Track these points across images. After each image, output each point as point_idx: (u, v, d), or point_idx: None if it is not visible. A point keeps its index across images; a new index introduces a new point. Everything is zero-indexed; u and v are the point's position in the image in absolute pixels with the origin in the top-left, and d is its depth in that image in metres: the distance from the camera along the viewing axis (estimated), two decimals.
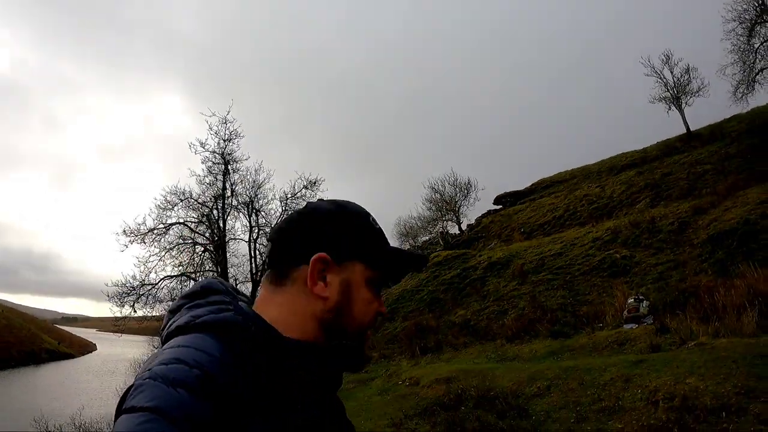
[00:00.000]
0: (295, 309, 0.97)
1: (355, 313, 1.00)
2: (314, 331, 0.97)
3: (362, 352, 1.06)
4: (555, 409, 8.13)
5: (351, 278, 1.00)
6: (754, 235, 11.92)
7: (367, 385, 12.55)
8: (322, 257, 0.98)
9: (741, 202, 13.44)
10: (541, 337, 12.36)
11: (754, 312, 8.68)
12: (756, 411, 6.37)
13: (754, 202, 12.95)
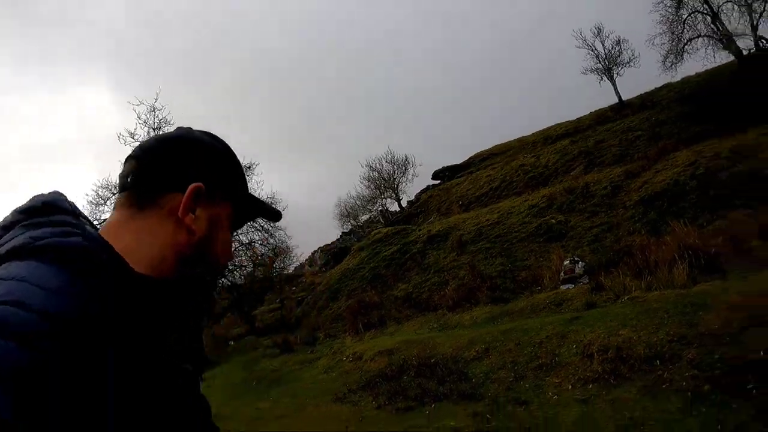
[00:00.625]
0: (155, 239, 0.89)
1: (215, 252, 0.97)
2: (170, 265, 0.90)
3: (211, 294, 0.60)
4: (494, 370, 7.92)
5: (219, 216, 0.97)
6: (684, 195, 12.18)
7: (313, 366, 12.27)
8: (200, 188, 0.92)
9: (671, 164, 13.74)
10: (482, 304, 12.24)
11: (685, 264, 8.74)
12: (689, 357, 6.30)
13: (684, 164, 13.25)
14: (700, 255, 8.95)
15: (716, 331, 6.48)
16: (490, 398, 7.15)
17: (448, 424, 6.66)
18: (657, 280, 8.89)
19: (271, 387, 11.57)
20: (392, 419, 7.42)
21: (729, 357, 5.96)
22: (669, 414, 5.55)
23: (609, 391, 6.38)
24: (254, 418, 9.20)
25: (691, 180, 12.48)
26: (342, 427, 7.52)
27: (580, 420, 5.94)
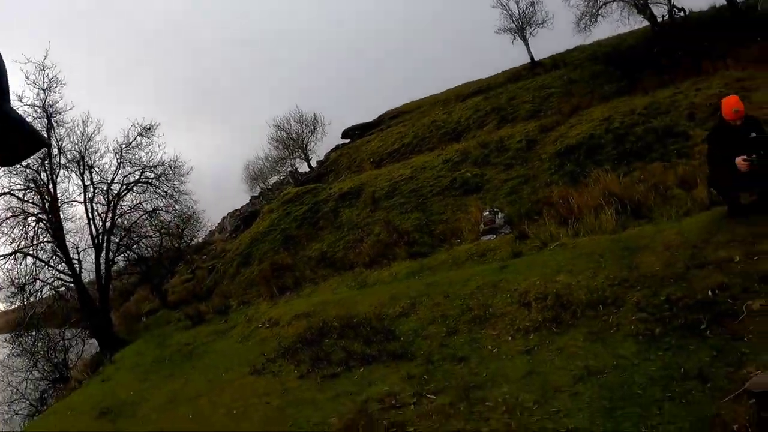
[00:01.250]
0: None
1: None
2: None
3: None
4: (423, 326, 7.10)
5: None
6: (600, 148, 12.12)
7: (227, 336, 10.96)
8: None
9: (586, 119, 13.70)
10: (400, 259, 11.48)
11: (612, 211, 8.42)
12: (634, 300, 5.84)
13: (599, 119, 13.25)
14: (626, 202, 8.69)
15: (658, 273, 6.06)
16: (423, 357, 6.31)
17: (381, 390, 5.73)
18: (584, 227, 8.52)
19: (184, 363, 10.08)
20: (318, 389, 6.43)
21: (676, 298, 5.55)
22: (625, 360, 5.01)
23: (553, 340, 5.77)
24: (167, 402, 7.79)
25: (607, 134, 12.45)
26: (263, 402, 6.44)
27: (530, 373, 5.24)
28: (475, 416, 4.62)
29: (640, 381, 4.62)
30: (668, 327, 5.22)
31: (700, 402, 4.11)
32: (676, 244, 6.45)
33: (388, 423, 4.85)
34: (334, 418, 5.35)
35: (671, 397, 4.28)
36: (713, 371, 4.38)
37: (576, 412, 4.43)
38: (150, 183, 17.63)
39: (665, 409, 4.17)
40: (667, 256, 6.30)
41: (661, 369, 4.68)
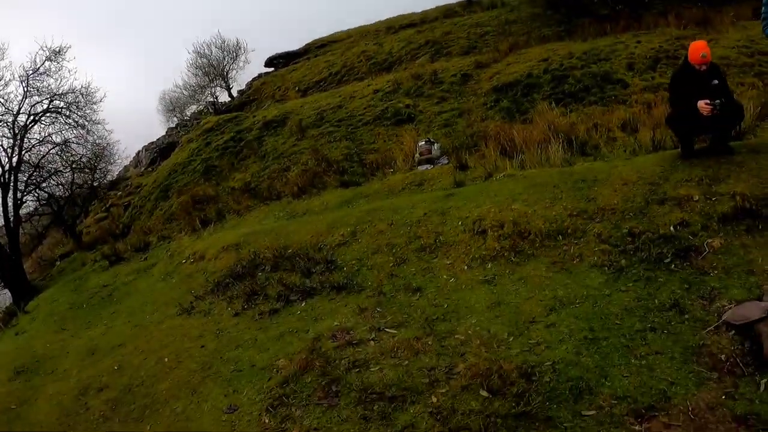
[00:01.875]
0: None
1: None
2: None
3: None
4: (367, 256, 6.27)
5: None
6: (538, 87, 11.67)
7: (148, 273, 9.34)
8: None
9: (523, 59, 13.16)
10: (330, 188, 10.47)
11: (559, 145, 7.92)
12: (596, 231, 5.37)
13: (536, 59, 12.74)
14: (572, 138, 8.25)
15: (618, 207, 5.64)
16: (372, 288, 5.51)
17: (331, 325, 4.86)
18: (529, 159, 7.98)
19: (103, 307, 8.44)
20: (258, 327, 5.41)
21: (639, 232, 5.16)
22: (595, 290, 4.55)
23: (514, 270, 5.20)
24: (88, 353, 6.29)
25: (545, 74, 11.97)
26: (197, 346, 5.31)
27: (496, 304, 4.61)
28: (447, 351, 3.93)
29: (616, 311, 4.17)
30: (633, 259, 4.82)
31: (682, 332, 3.73)
32: (633, 180, 6.04)
33: (348, 362, 4.04)
34: (281, 359, 4.44)
35: (652, 327, 3.89)
36: (688, 303, 4.02)
37: (557, 343, 3.88)
38: (60, 112, 15.08)
39: (649, 339, 3.77)
40: (626, 191, 5.88)
41: (635, 300, 4.27)
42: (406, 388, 3.49)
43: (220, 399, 4.11)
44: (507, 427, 3.01)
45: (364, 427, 3.19)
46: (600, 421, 3.10)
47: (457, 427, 3.02)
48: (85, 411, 4.73)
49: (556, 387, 3.39)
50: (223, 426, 3.77)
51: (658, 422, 2.99)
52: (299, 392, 3.80)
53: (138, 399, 4.59)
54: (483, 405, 3.19)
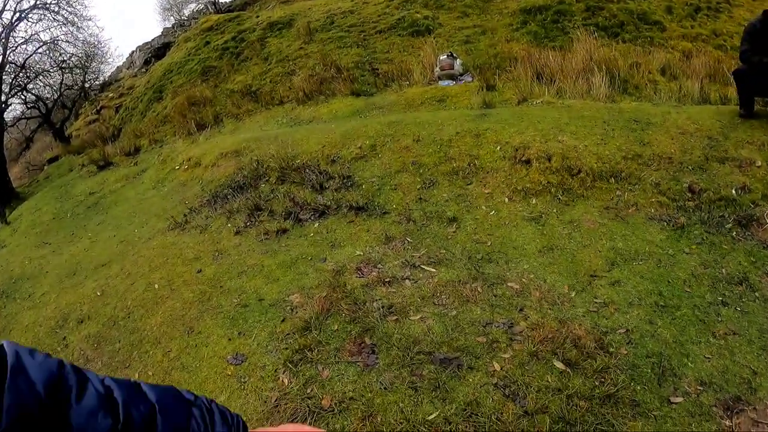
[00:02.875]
0: None
1: None
2: None
3: None
4: (390, 174, 5.27)
5: None
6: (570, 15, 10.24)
7: (139, 180, 8.05)
8: None
9: None
10: (340, 96, 9.14)
11: (605, 78, 6.82)
12: (652, 180, 4.54)
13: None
14: (614, 73, 7.14)
15: (675, 157, 4.81)
16: (399, 213, 4.59)
17: (352, 254, 3.94)
18: (569, 89, 6.90)
19: (89, 217, 7.18)
20: (263, 250, 4.34)
21: (699, 189, 4.39)
22: (657, 247, 3.79)
23: (562, 210, 4.37)
24: (70, 274, 5.13)
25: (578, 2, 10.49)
26: (192, 271, 4.21)
27: (548, 249, 3.81)
28: (501, 303, 3.12)
29: (684, 276, 3.46)
30: (693, 218, 4.10)
31: (755, 312, 3.10)
32: (690, 130, 5.17)
33: (382, 306, 3.11)
34: (295, 294, 3.46)
35: (724, 302, 3.22)
36: (757, 280, 3.40)
37: (627, 307, 3.14)
38: (48, 8, 13.19)
39: (723, 315, 3.09)
40: (683, 141, 5.02)
41: (701, 266, 3.56)
42: (459, 348, 2.70)
43: (222, 343, 3.15)
44: (593, 414, 2.30)
45: (414, 400, 2.37)
46: (690, 412, 2.44)
47: (534, 408, 2.29)
48: (64, 348, 3.73)
49: (636, 363, 2.68)
50: (228, 381, 2.82)
51: (747, 418, 2.42)
52: (324, 343, 2.87)
53: (124, 335, 3.59)
54: (561, 381, 2.45)
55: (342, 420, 2.37)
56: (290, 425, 0.79)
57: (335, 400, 2.48)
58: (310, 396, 2.56)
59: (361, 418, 2.35)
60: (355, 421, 2.33)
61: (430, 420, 2.26)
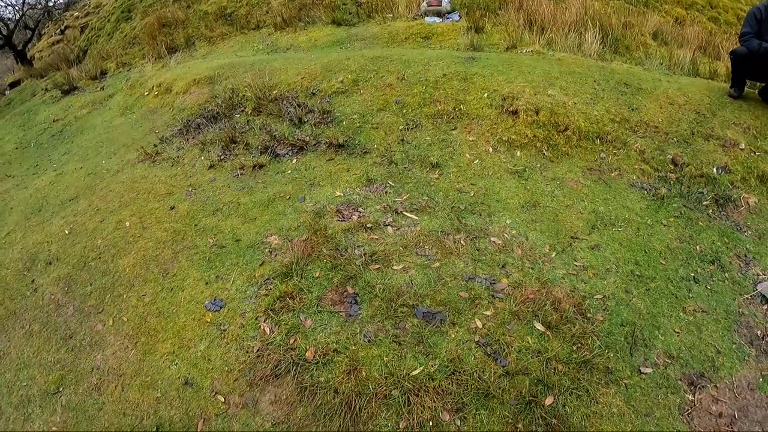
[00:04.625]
0: None
1: None
2: None
3: None
4: (372, 112, 4.99)
5: None
6: None
7: (106, 106, 7.27)
8: None
9: None
10: (320, 24, 8.48)
11: (598, 34, 6.58)
12: (637, 146, 4.51)
13: None
14: (608, 31, 6.90)
15: (661, 127, 4.76)
16: (380, 153, 4.36)
17: (332, 195, 3.71)
18: (560, 42, 6.64)
19: (53, 147, 6.46)
20: (239, 186, 4.05)
21: (683, 163, 4.39)
22: (636, 215, 3.81)
23: (546, 166, 4.29)
24: (35, 211, 4.54)
25: None
26: (165, 208, 3.86)
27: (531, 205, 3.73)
28: (484, 257, 3.04)
29: (660, 248, 3.50)
30: (673, 191, 4.13)
31: (723, 293, 3.18)
32: (679, 102, 5.10)
33: (364, 254, 2.98)
34: (274, 236, 3.27)
35: (696, 278, 3.30)
36: (727, 261, 3.47)
37: (605, 273, 3.15)
38: None
39: (695, 292, 3.19)
40: (671, 112, 4.95)
41: (677, 240, 3.61)
42: (442, 302, 2.62)
43: (199, 287, 2.99)
44: (570, 378, 2.31)
45: (398, 354, 2.31)
46: (658, 383, 2.52)
47: (514, 369, 2.25)
48: (33, 293, 3.40)
49: (611, 331, 2.70)
50: (208, 329, 2.69)
51: (708, 395, 2.53)
52: (306, 291, 2.75)
53: (96, 278, 3.34)
54: (540, 343, 2.44)
55: (327, 373, 2.27)
56: None
57: (319, 352, 2.38)
58: (293, 347, 2.44)
59: (345, 372, 2.25)
60: (340, 375, 2.24)
61: (415, 375, 2.21)
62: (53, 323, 3.06)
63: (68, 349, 2.85)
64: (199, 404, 2.38)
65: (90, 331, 2.90)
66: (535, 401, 2.16)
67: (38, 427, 2.47)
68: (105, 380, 2.61)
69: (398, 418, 2.10)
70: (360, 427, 2.06)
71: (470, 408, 2.13)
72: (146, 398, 2.47)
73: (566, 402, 2.20)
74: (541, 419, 2.11)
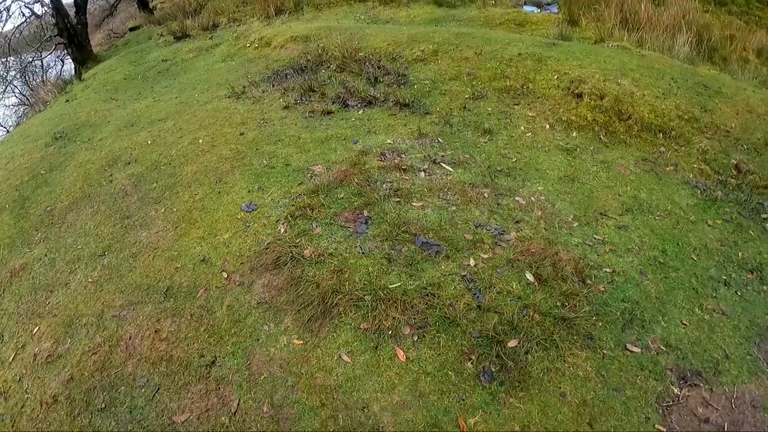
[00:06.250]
0: None
1: None
2: None
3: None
4: (443, 80, 4.72)
5: None
6: None
7: (210, 53, 7.54)
8: None
9: None
10: (423, 2, 8.16)
11: (691, 38, 5.61)
12: (701, 146, 3.81)
13: None
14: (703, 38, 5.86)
15: (733, 131, 3.98)
16: (440, 115, 4.15)
17: (383, 142, 3.62)
18: (651, 41, 5.77)
19: (157, 81, 6.92)
20: (305, 126, 4.09)
21: (747, 170, 3.62)
22: (680, 209, 3.22)
23: (599, 149, 3.79)
24: (128, 125, 4.99)
25: None
26: (236, 132, 4.04)
27: (570, 179, 3.33)
28: (502, 211, 2.79)
29: (696, 244, 2.94)
30: (730, 196, 3.43)
31: (755, 303, 2.60)
32: (760, 111, 4.24)
33: (390, 188, 2.89)
34: (319, 165, 3.27)
35: (727, 282, 2.72)
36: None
37: (624, 252, 2.73)
38: None
39: (720, 294, 2.63)
40: (747, 119, 4.13)
41: (719, 241, 3.01)
42: (444, 238, 2.45)
43: (242, 194, 3.11)
44: (542, 329, 2.05)
45: (384, 269, 2.24)
46: (642, 365, 2.15)
47: (488, 305, 2.04)
48: (108, 183, 3.73)
49: (607, 302, 2.35)
50: (236, 224, 2.82)
51: (699, 395, 2.12)
52: (327, 207, 2.76)
53: (162, 178, 3.58)
54: (524, 291, 2.19)
55: (315, 270, 2.26)
56: None
57: (316, 253, 2.36)
58: (296, 245, 2.46)
59: (332, 271, 2.21)
60: (327, 273, 2.20)
61: (390, 288, 2.10)
62: (117, 206, 3.37)
63: (122, 227, 3.12)
64: (207, 277, 2.51)
65: (144, 215, 3.16)
66: (498, 340, 1.96)
67: (79, 277, 2.77)
68: (142, 251, 2.84)
69: (362, 320, 2.06)
70: (326, 320, 2.02)
71: (432, 329, 1.99)
72: (168, 267, 2.66)
73: (530, 350, 1.96)
74: (498, 358, 1.91)
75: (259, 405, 1.90)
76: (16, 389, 2.21)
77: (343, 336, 2.05)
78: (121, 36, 14.51)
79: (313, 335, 2.07)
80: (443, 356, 1.94)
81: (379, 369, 1.93)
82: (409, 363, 1.93)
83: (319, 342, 2.05)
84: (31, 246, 3.21)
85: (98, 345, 2.27)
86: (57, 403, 2.08)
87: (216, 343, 2.17)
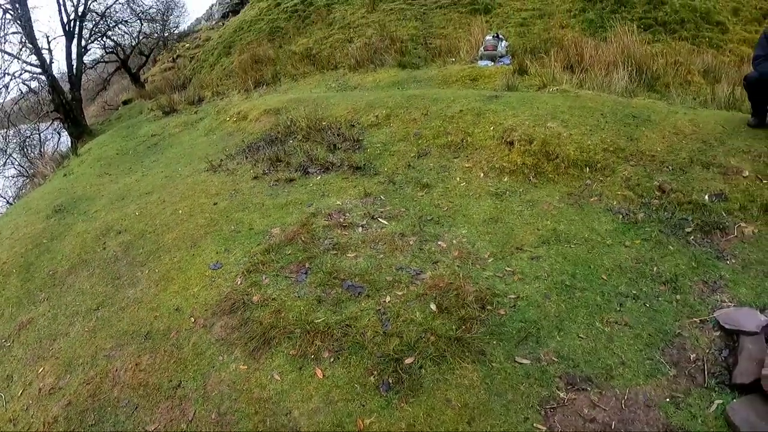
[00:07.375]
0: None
1: None
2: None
3: None
4: (393, 141, 5.62)
5: None
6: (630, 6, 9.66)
7: (194, 127, 8.91)
8: None
9: None
10: (388, 66, 9.39)
11: (626, 72, 6.52)
12: (625, 174, 4.49)
13: None
14: (643, 69, 6.76)
15: (658, 155, 4.65)
16: (386, 175, 4.99)
17: (333, 204, 4.47)
18: (590, 79, 6.70)
19: (146, 155, 8.25)
20: (269, 193, 5.06)
21: (670, 189, 4.22)
22: (597, 236, 3.84)
23: (527, 190, 4.51)
24: (119, 198, 6.18)
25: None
26: (210, 203, 5.06)
27: (494, 220, 4.03)
28: (423, 255, 3.49)
29: (609, 266, 3.49)
30: (652, 216, 3.97)
31: (664, 312, 3.00)
32: (686, 132, 4.90)
33: (331, 243, 3.71)
34: (276, 228, 4.16)
35: (636, 296, 3.15)
36: (687, 284, 3.22)
37: (532, 279, 3.34)
38: None
39: (626, 307, 3.06)
40: (673, 141, 4.80)
41: (634, 260, 3.52)
42: (368, 281, 3.16)
43: (211, 255, 3.97)
44: (437, 348, 2.66)
45: (314, 308, 3.02)
46: (528, 374, 2.58)
47: (392, 332, 2.70)
48: (102, 249, 4.73)
49: (505, 323, 2.92)
50: (204, 279, 3.66)
51: (586, 398, 2.47)
52: (276, 262, 3.59)
53: (147, 245, 4.53)
54: (426, 318, 2.83)
55: (260, 311, 3.01)
56: None
57: (262, 299, 3.10)
58: (248, 293, 3.22)
59: (272, 312, 2.96)
60: (268, 314, 2.94)
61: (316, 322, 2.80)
62: (109, 269, 4.33)
63: (113, 286, 4.06)
64: (179, 322, 3.34)
65: (132, 276, 4.09)
66: (398, 359, 2.58)
67: (77, 328, 3.67)
68: (129, 304, 3.73)
69: (292, 348, 2.81)
70: (266, 349, 2.80)
71: (346, 353, 2.67)
72: (149, 315, 3.52)
73: (424, 365, 2.57)
74: (395, 373, 2.54)
75: (209, 414, 2.63)
76: (23, 416, 3.01)
77: (277, 360, 2.78)
78: (115, 108, 16.05)
79: (255, 361, 2.83)
80: (352, 373, 2.59)
81: (302, 384, 2.63)
82: (325, 379, 2.61)
83: (259, 366, 2.79)
84: (36, 304, 4.13)
85: (91, 377, 3.08)
86: (57, 422, 2.86)
87: (182, 370, 2.95)
